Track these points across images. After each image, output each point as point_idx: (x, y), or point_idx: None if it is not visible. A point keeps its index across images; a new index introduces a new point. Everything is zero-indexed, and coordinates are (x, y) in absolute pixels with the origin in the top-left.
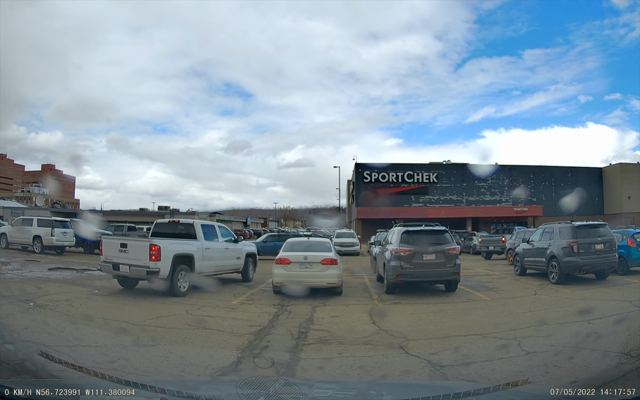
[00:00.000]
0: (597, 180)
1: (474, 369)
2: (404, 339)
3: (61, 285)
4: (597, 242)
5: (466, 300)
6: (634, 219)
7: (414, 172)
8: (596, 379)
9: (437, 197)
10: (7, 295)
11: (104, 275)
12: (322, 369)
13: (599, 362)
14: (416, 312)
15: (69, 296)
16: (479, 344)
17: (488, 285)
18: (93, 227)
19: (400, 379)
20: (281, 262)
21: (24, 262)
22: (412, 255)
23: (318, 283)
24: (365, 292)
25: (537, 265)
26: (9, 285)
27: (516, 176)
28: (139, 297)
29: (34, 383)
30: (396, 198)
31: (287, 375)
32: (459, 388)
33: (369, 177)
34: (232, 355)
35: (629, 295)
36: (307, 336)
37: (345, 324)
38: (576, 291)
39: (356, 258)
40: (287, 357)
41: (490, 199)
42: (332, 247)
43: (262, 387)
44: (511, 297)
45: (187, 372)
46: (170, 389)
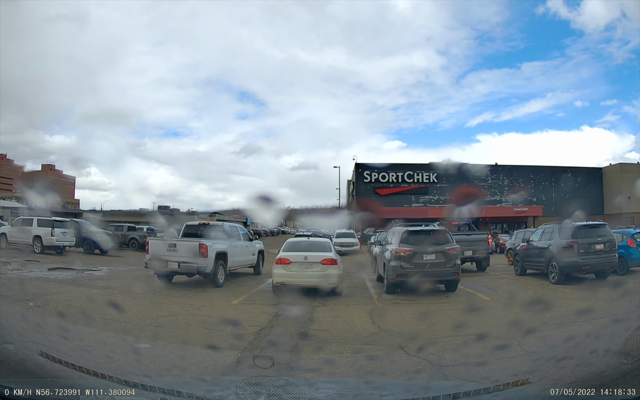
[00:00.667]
0: (597, 180)
1: (473, 369)
2: (403, 339)
3: (61, 285)
4: (597, 242)
5: (466, 300)
6: (634, 219)
7: (414, 172)
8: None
9: (437, 197)
10: (7, 295)
11: (104, 276)
12: (322, 369)
13: (599, 362)
14: (416, 312)
15: (69, 296)
16: (479, 344)
17: (488, 285)
18: (93, 228)
19: (400, 379)
20: (281, 262)
21: (24, 262)
22: (412, 255)
23: (318, 283)
24: (365, 292)
25: (537, 265)
26: (9, 285)
27: (516, 176)
28: (139, 297)
29: (34, 383)
30: (396, 198)
31: (287, 375)
32: (459, 388)
33: (369, 177)
34: (232, 355)
35: (629, 295)
36: (307, 336)
37: (345, 324)
38: (576, 291)
39: (356, 258)
40: (287, 357)
41: (490, 199)
42: (332, 247)
43: (262, 387)
44: (511, 297)
45: (187, 372)
46: (170, 389)
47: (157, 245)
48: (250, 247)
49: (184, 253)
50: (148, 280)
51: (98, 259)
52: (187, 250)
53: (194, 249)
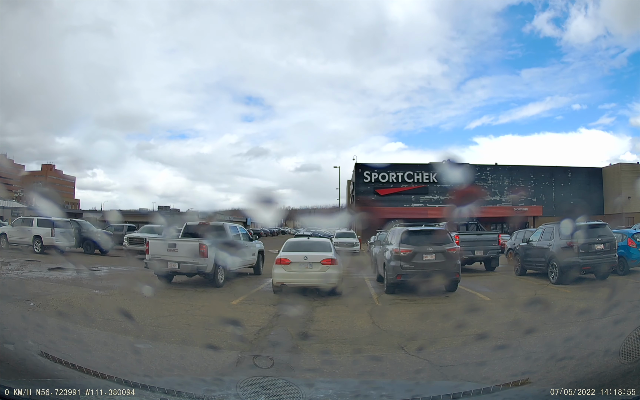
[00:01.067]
0: (597, 180)
1: (473, 369)
2: (403, 339)
3: (61, 285)
4: (597, 242)
5: (466, 300)
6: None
7: (414, 172)
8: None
9: (437, 197)
10: (7, 295)
11: (104, 276)
12: (322, 369)
13: (599, 362)
14: (416, 312)
15: (69, 296)
16: (479, 344)
17: (488, 285)
18: (93, 228)
19: (400, 379)
20: (281, 262)
21: (24, 262)
22: (412, 255)
23: (318, 283)
24: (365, 292)
25: (537, 265)
26: (9, 285)
27: (516, 176)
28: (139, 297)
29: (34, 383)
30: (396, 198)
31: (287, 375)
32: (459, 388)
33: (369, 177)
34: (232, 355)
35: (629, 295)
36: (307, 336)
37: (345, 324)
38: (576, 291)
39: (356, 258)
40: (287, 357)
41: (490, 199)
42: (332, 247)
43: (262, 387)
44: (511, 297)
45: (187, 372)
46: (171, 389)
47: (158, 245)
48: (250, 248)
49: (184, 253)
50: (148, 280)
51: (98, 259)
52: (188, 251)
53: (194, 249)
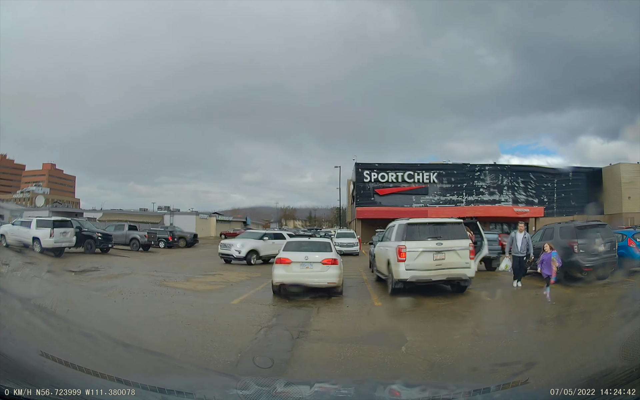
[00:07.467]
0: (598, 180)
1: (474, 368)
2: (404, 339)
3: (61, 286)
4: (597, 243)
5: (467, 300)
6: (634, 219)
7: (414, 172)
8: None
9: (438, 198)
10: (7, 295)
11: (104, 276)
12: (322, 369)
13: (599, 362)
14: (416, 312)
15: (68, 296)
16: (480, 343)
17: (488, 285)
18: (93, 227)
19: (400, 379)
20: (281, 262)
21: (23, 262)
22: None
23: (318, 283)
24: (365, 292)
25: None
26: (9, 285)
27: (516, 176)
28: (139, 296)
29: (34, 383)
30: (396, 198)
31: (287, 375)
32: (459, 388)
33: (369, 177)
34: (232, 355)
35: (629, 295)
36: (307, 336)
37: (346, 324)
38: (577, 291)
39: (356, 258)
40: (287, 356)
41: (490, 199)
42: (332, 247)
43: (262, 387)
44: (511, 297)
45: (187, 372)
46: (170, 389)
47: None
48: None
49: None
50: (148, 280)
51: (98, 259)
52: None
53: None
